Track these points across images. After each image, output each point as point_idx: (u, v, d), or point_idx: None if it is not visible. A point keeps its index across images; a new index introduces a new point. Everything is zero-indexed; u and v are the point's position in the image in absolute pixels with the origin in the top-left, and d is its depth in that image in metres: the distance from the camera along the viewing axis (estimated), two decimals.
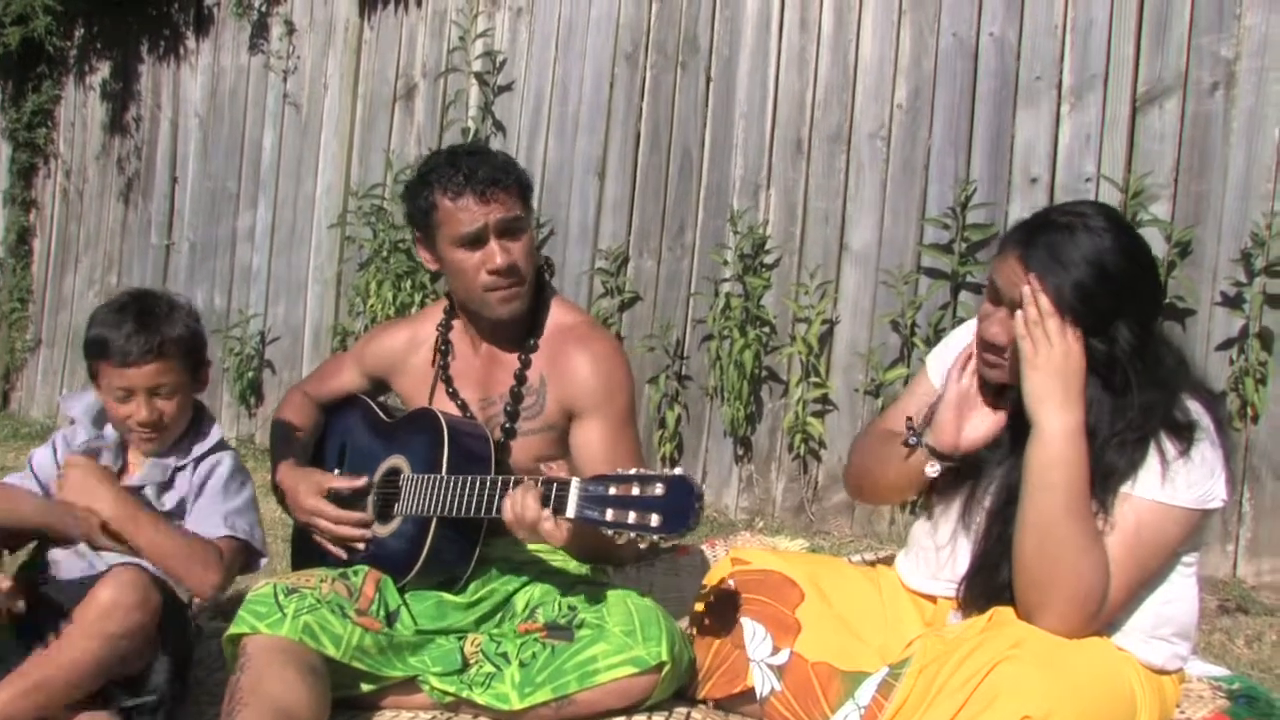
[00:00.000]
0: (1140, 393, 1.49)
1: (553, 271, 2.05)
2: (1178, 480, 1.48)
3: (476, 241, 1.83)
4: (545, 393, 1.88)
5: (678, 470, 1.55)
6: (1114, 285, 1.47)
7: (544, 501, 1.63)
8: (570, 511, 1.59)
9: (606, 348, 1.90)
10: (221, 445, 1.91)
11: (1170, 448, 1.49)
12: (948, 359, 1.74)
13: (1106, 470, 1.49)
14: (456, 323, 2.00)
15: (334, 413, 2.14)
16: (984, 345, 1.58)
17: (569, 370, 1.87)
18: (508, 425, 1.90)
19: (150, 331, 1.79)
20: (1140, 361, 1.49)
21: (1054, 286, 1.47)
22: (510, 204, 1.83)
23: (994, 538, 1.56)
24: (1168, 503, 1.49)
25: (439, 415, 1.85)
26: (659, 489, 1.52)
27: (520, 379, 1.90)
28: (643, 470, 1.56)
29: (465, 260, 1.84)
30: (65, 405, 1.94)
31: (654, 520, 1.51)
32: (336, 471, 2.00)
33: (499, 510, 1.69)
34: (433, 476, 1.78)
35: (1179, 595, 1.57)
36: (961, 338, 1.74)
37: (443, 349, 1.98)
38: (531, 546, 1.87)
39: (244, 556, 1.86)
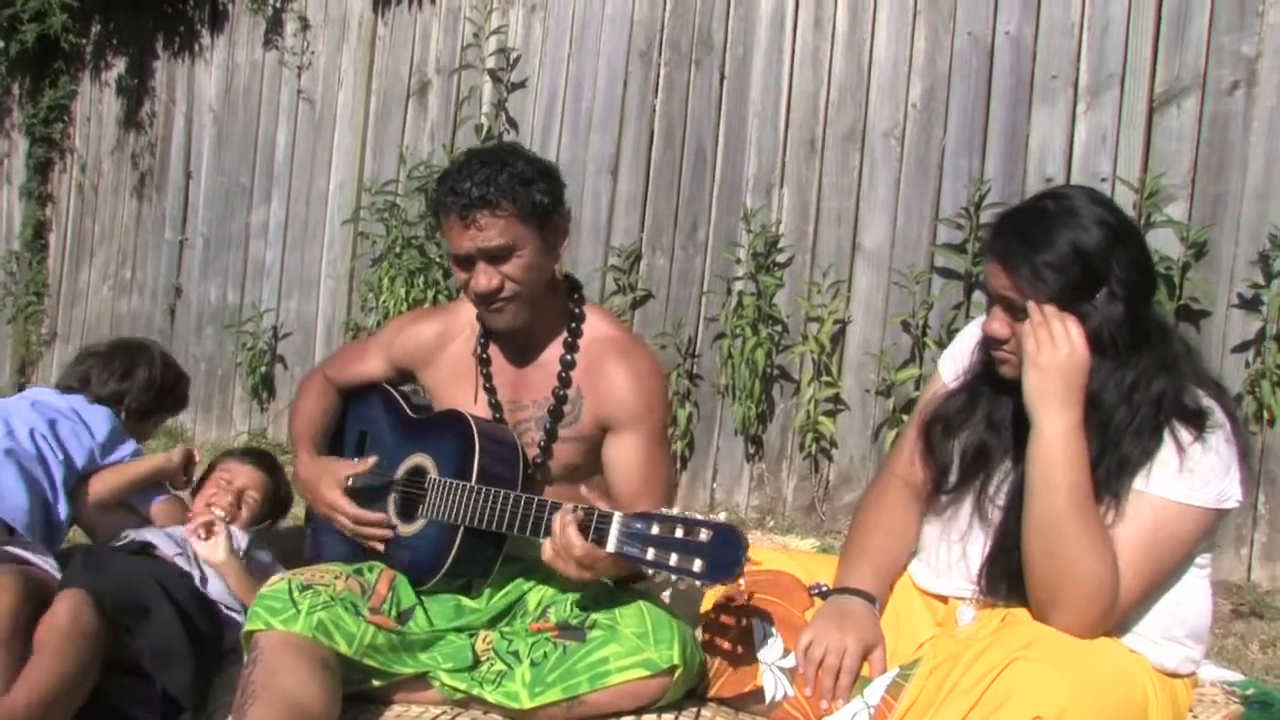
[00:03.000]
0: (1137, 358, 1.49)
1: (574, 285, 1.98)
2: (1194, 478, 1.48)
3: (464, 262, 1.78)
4: (582, 404, 1.86)
5: (723, 518, 1.52)
6: (1085, 258, 1.47)
7: (582, 529, 1.62)
8: (610, 545, 1.59)
9: (645, 364, 1.88)
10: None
11: (1185, 435, 1.48)
12: (958, 356, 1.74)
13: (1121, 460, 1.49)
14: None
15: (354, 398, 2.10)
16: (987, 340, 1.59)
17: (608, 384, 1.84)
18: (545, 442, 1.87)
19: None
20: (1128, 331, 1.48)
21: (1027, 270, 1.48)
22: (498, 228, 1.74)
23: (1011, 522, 1.56)
24: (1185, 502, 1.48)
25: (469, 419, 1.83)
26: (704, 535, 1.51)
27: (560, 397, 1.87)
28: (689, 514, 1.55)
29: (459, 275, 1.81)
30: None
31: (697, 565, 1.50)
32: (355, 460, 1.97)
33: (534, 532, 1.68)
34: (463, 484, 1.77)
35: (1191, 596, 1.56)
36: (970, 335, 1.74)
37: (482, 341, 1.93)
38: None
39: None
